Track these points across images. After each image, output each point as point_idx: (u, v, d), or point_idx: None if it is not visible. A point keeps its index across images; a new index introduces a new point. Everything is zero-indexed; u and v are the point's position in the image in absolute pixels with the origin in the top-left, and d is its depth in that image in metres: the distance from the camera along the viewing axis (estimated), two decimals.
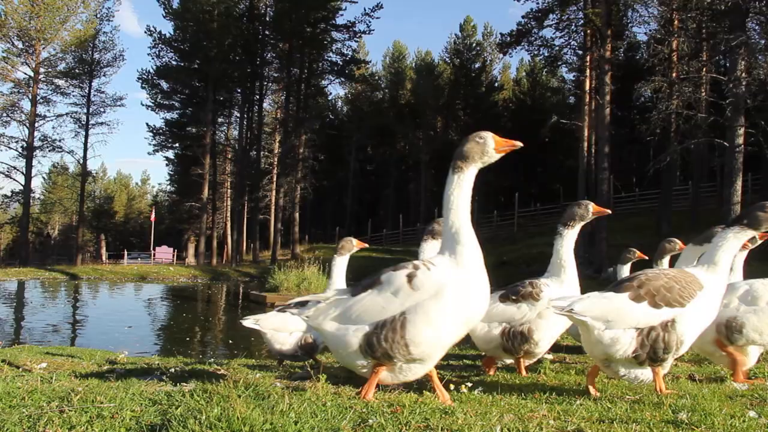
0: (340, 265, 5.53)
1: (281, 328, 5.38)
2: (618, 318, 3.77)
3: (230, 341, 13.47)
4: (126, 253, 55.36)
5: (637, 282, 3.87)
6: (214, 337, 15.28)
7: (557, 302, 3.92)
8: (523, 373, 4.87)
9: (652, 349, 3.73)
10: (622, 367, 3.92)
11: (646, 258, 6.30)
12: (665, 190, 31.49)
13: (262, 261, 44.72)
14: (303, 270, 22.20)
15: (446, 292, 3.24)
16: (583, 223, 4.59)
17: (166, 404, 3.05)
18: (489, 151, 3.39)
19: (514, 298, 4.63)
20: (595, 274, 24.33)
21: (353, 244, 5.61)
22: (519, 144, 3.46)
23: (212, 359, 7.41)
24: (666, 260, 5.91)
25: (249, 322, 5.21)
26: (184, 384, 4.03)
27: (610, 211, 4.70)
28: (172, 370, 4.93)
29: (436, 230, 4.88)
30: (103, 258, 59.38)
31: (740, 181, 22.60)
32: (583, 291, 4.40)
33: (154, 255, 53.64)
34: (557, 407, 3.36)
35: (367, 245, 5.92)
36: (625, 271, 6.39)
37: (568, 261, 4.59)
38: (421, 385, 4.17)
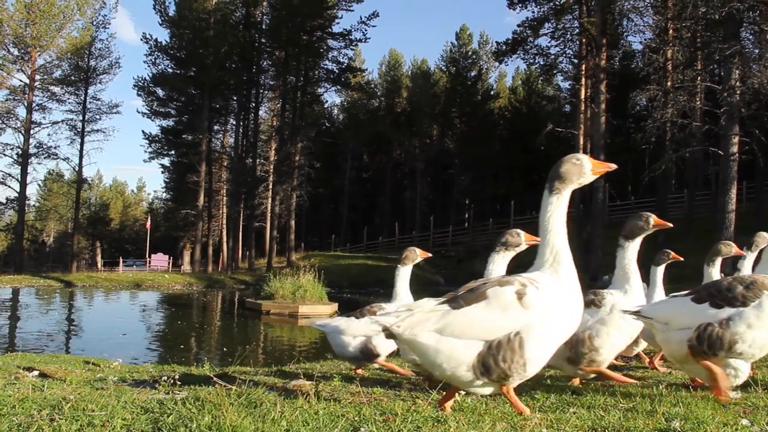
0: (404, 275, 5.46)
1: (345, 332, 5.52)
2: (679, 317, 4.04)
3: (225, 349, 13.44)
4: (121, 260, 55.10)
5: (703, 286, 4.16)
6: (208, 344, 15.24)
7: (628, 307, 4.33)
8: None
9: (707, 344, 3.87)
10: (689, 364, 4.09)
11: (681, 259, 6.13)
12: (660, 198, 31.59)
13: (258, 268, 44.62)
14: (299, 278, 22.08)
15: (555, 310, 3.27)
16: (644, 235, 4.62)
17: (158, 412, 3.03)
18: (586, 173, 3.40)
19: None
20: (591, 282, 24.31)
21: (416, 254, 5.52)
22: (614, 166, 3.48)
23: (206, 367, 7.39)
24: (718, 262, 5.76)
25: (316, 324, 5.96)
26: (177, 392, 4.02)
27: (671, 225, 4.66)
28: (166, 377, 4.91)
29: (510, 242, 4.88)
30: (99, 265, 59.20)
31: (735, 189, 22.73)
32: None
33: (149, 262, 53.45)
34: (550, 415, 3.36)
35: (430, 255, 5.84)
36: (659, 272, 6.17)
37: (631, 272, 4.62)
38: (414, 393, 4.17)
